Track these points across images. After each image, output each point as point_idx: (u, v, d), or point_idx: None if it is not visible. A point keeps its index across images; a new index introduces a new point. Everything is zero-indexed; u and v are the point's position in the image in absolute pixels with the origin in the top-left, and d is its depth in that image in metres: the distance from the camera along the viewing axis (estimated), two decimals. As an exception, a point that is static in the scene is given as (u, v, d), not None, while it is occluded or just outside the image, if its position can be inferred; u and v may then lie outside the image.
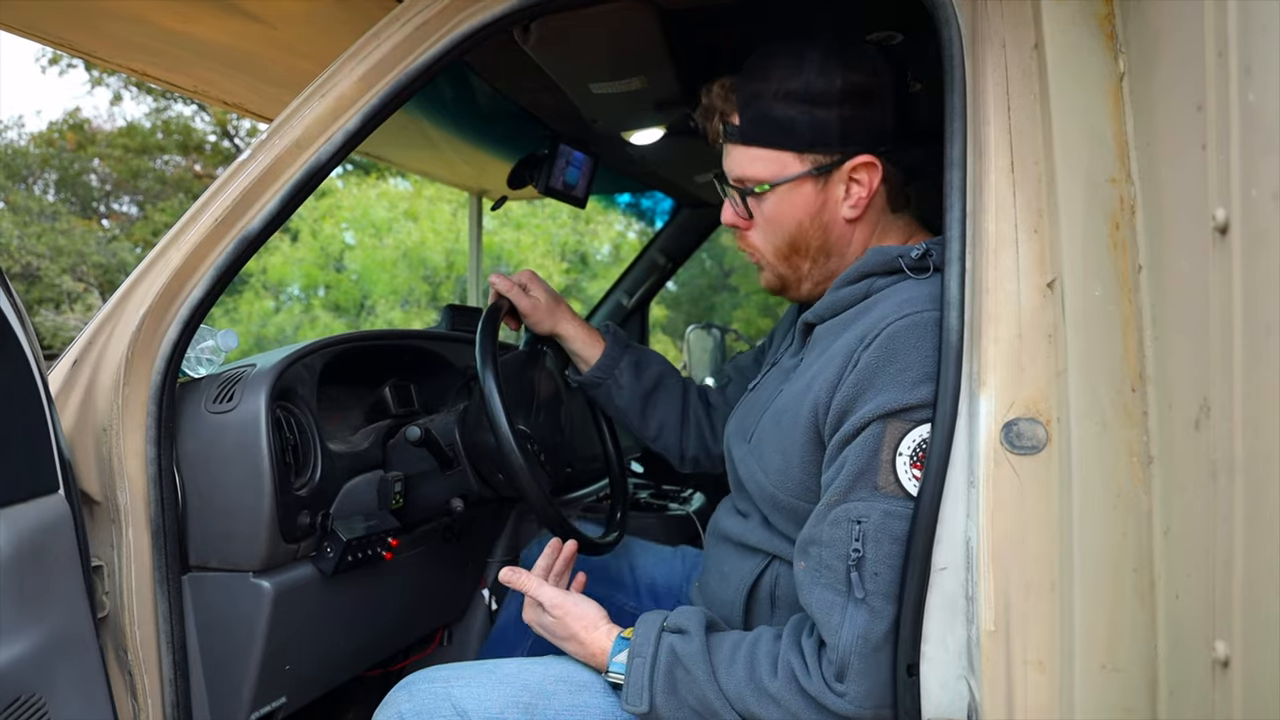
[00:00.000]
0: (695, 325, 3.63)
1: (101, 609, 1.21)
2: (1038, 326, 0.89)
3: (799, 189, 1.18)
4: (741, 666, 1.05)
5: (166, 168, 15.23)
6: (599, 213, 12.90)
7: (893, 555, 0.97)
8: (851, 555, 0.98)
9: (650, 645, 1.11)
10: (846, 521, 0.99)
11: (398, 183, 13.44)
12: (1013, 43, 0.96)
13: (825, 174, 1.16)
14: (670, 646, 1.10)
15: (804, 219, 1.19)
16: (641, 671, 1.10)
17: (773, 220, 1.20)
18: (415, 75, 1.24)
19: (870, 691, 0.97)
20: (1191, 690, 0.72)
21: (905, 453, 0.98)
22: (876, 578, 0.97)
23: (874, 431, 0.99)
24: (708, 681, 1.05)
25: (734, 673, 1.05)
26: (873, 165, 1.16)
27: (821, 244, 1.21)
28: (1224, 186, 0.63)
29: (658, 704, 1.08)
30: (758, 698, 1.03)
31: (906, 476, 0.98)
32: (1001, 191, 0.93)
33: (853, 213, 1.19)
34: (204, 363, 1.38)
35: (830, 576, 1.00)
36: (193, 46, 1.91)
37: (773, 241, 1.22)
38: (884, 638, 0.96)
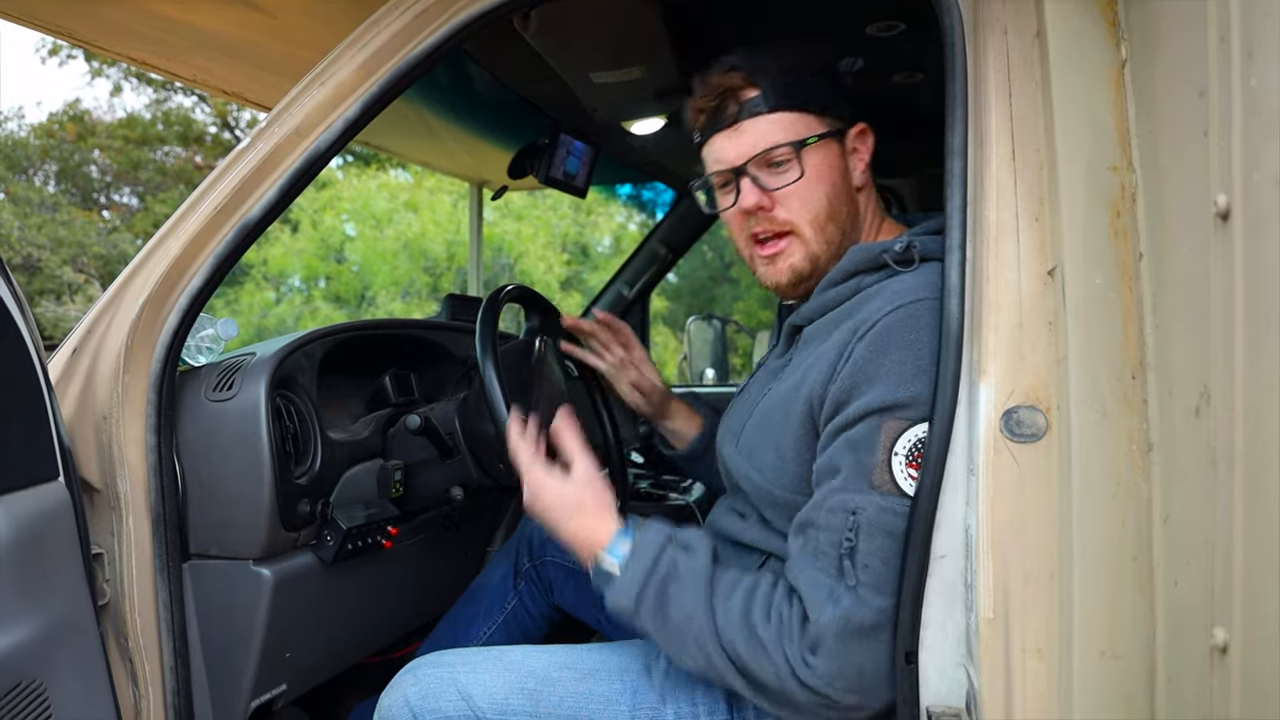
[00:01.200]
0: (696, 316, 3.63)
1: (102, 596, 1.22)
2: (1038, 314, 0.89)
3: (829, 149, 1.18)
4: (739, 601, 1.04)
5: (167, 159, 15.20)
6: (600, 204, 12.89)
7: (884, 549, 0.97)
8: (845, 544, 0.98)
9: (654, 549, 1.09)
10: (842, 511, 0.99)
11: (398, 174, 13.42)
12: (1014, 30, 0.95)
13: (840, 137, 1.19)
14: (674, 559, 1.08)
15: (836, 180, 1.19)
16: (638, 570, 1.07)
17: (813, 180, 1.17)
18: (415, 63, 1.23)
19: (839, 673, 0.97)
20: (1190, 677, 0.72)
21: (901, 452, 0.98)
22: (866, 569, 0.97)
23: (871, 426, 0.99)
24: (701, 604, 1.04)
25: (729, 606, 1.03)
26: (867, 132, 1.20)
27: (849, 211, 1.21)
28: (1226, 172, 0.63)
29: (643, 608, 1.06)
30: (747, 637, 1.01)
31: (902, 476, 0.97)
32: (1002, 179, 0.93)
33: (860, 180, 1.21)
34: (204, 351, 1.38)
35: (823, 561, 1.00)
36: (192, 35, 1.91)
37: (813, 207, 1.17)
38: (864, 627, 0.96)
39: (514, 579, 1.73)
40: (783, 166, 1.16)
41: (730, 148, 1.19)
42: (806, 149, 1.16)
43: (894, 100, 2.24)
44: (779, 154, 1.16)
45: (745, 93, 1.17)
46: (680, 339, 9.03)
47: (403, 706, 1.18)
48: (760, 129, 1.17)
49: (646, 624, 1.07)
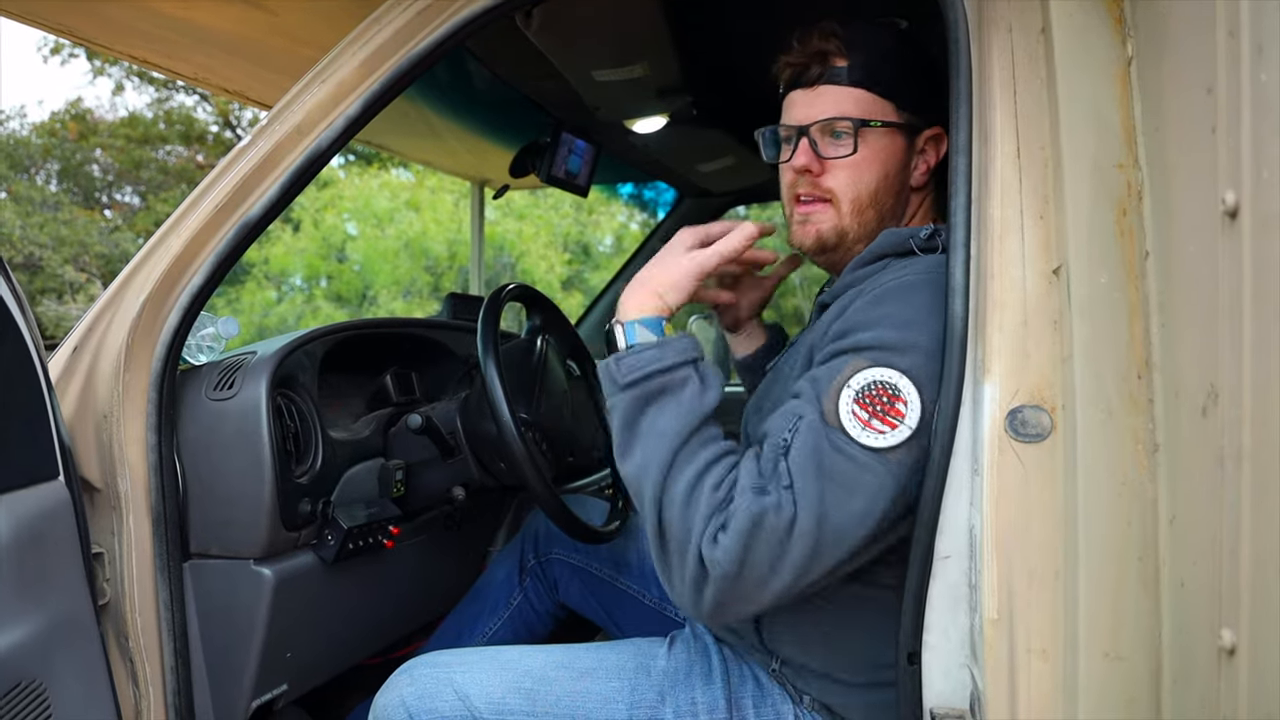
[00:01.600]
0: (697, 315, 3.61)
1: (102, 596, 1.21)
2: (1043, 313, 0.88)
3: (893, 137, 1.20)
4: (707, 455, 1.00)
5: (169, 158, 15.21)
6: (601, 203, 12.88)
7: (808, 460, 0.94)
8: (782, 441, 0.97)
9: (680, 357, 1.04)
10: (791, 415, 0.99)
11: (399, 173, 13.42)
12: (1019, 27, 0.95)
13: (911, 133, 1.21)
14: (687, 378, 1.03)
15: (891, 169, 1.20)
16: (654, 361, 1.03)
17: (867, 161, 1.19)
18: (416, 61, 1.23)
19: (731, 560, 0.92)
20: (1196, 679, 0.72)
21: (854, 386, 0.96)
22: (789, 474, 0.94)
23: (839, 361, 1.00)
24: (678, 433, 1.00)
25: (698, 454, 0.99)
26: (941, 138, 1.21)
27: (893, 203, 1.23)
28: (1234, 169, 0.63)
29: (632, 392, 1.02)
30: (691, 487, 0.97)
31: (846, 409, 0.96)
32: (1007, 177, 0.92)
33: (918, 180, 1.24)
34: (205, 350, 1.37)
35: (764, 462, 0.98)
36: (193, 33, 1.90)
37: (858, 186, 1.19)
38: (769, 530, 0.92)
39: (519, 576, 1.73)
40: (841, 139, 1.18)
41: (802, 106, 1.21)
42: (868, 129, 1.18)
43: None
44: (841, 125, 1.18)
45: (835, 60, 1.19)
46: (682, 338, 8.98)
47: (399, 707, 1.18)
48: (834, 97, 1.19)
49: (619, 405, 1.04)
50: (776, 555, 0.93)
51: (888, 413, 0.96)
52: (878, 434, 0.95)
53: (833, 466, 0.94)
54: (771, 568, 0.93)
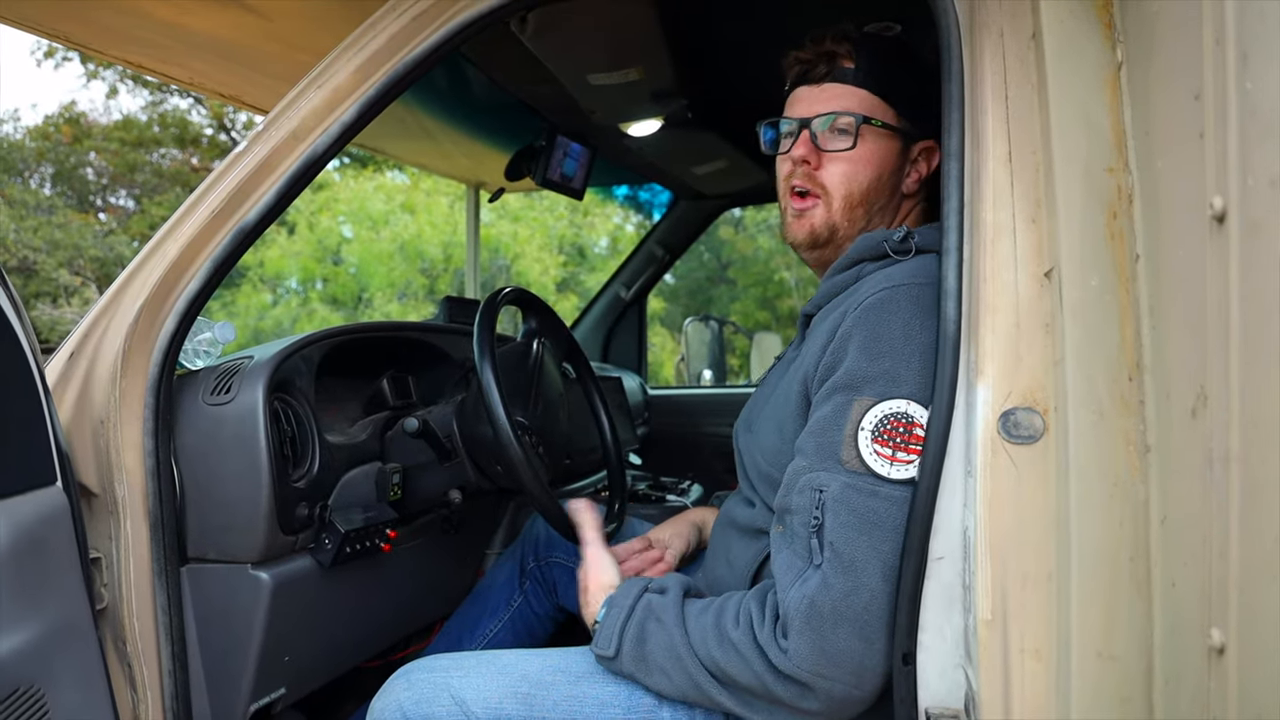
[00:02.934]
0: (693, 318, 3.64)
1: (100, 601, 1.21)
2: (1035, 316, 0.89)
3: (891, 140, 1.24)
4: (710, 616, 1.07)
5: (163, 161, 15.17)
6: (596, 205, 12.89)
7: (848, 526, 0.97)
8: (812, 523, 0.99)
9: (630, 599, 1.14)
10: (810, 490, 1.00)
11: (395, 175, 13.41)
12: (1010, 32, 0.96)
13: (907, 140, 1.25)
14: (648, 602, 1.13)
15: (885, 171, 1.24)
16: (616, 620, 1.13)
17: (863, 158, 1.22)
18: (412, 66, 1.23)
19: (811, 653, 0.96)
20: (1188, 678, 0.72)
21: (868, 428, 0.98)
22: (832, 547, 0.97)
23: (839, 403, 1.01)
24: (676, 626, 1.07)
25: (702, 621, 1.07)
26: (933, 151, 1.26)
27: (884, 204, 1.26)
28: (1221, 175, 0.63)
29: (624, 651, 1.10)
30: (719, 642, 1.03)
31: (868, 451, 0.98)
32: (999, 181, 0.93)
33: (910, 188, 1.27)
34: (201, 355, 1.37)
35: (797, 543, 1.01)
36: (188, 39, 1.91)
37: (851, 183, 1.23)
38: (831, 607, 0.96)
39: (519, 579, 1.74)
40: (842, 135, 1.22)
41: (806, 101, 1.25)
42: (869, 126, 1.21)
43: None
44: (843, 121, 1.22)
45: (843, 61, 1.23)
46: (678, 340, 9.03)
47: (395, 711, 1.18)
48: (839, 93, 1.23)
49: (630, 667, 1.11)
50: (856, 624, 0.96)
51: (909, 441, 0.97)
52: (906, 465, 0.97)
53: (876, 516, 0.97)
54: (860, 636, 0.96)
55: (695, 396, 3.40)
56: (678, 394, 3.43)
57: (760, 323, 12.22)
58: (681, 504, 2.37)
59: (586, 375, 1.88)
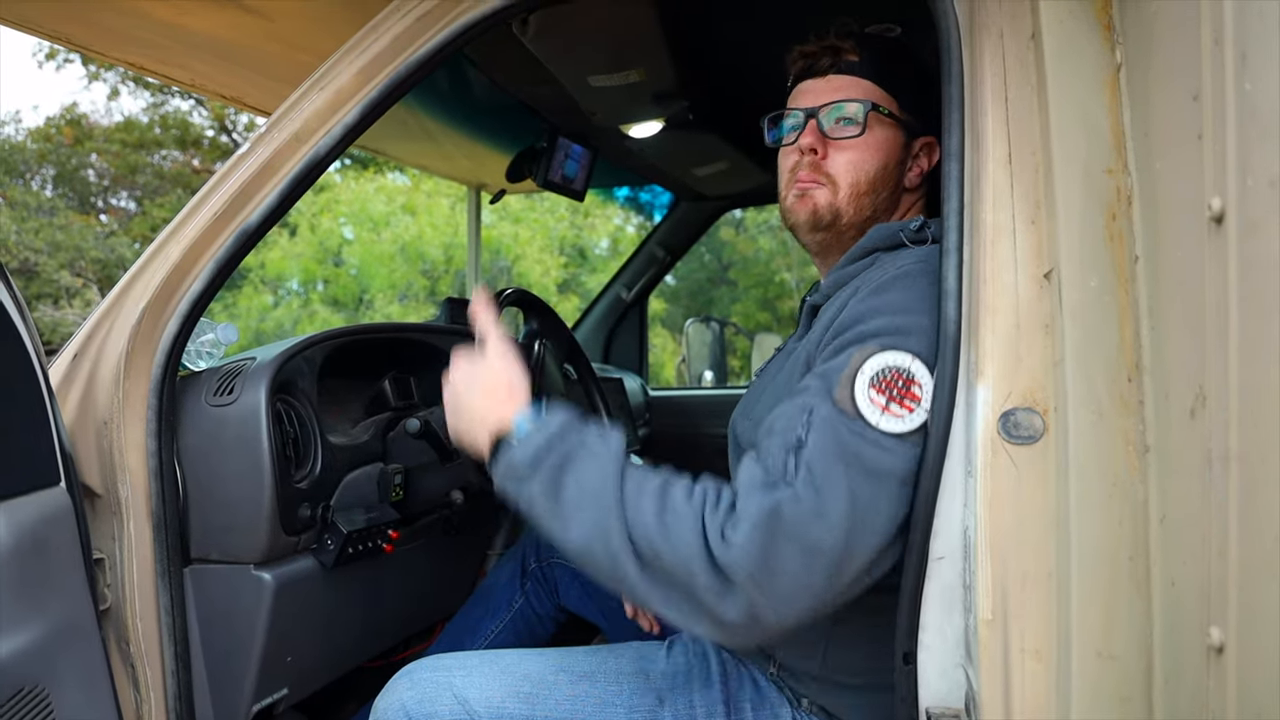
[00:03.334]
0: (694, 319, 3.64)
1: (103, 601, 1.22)
2: (1035, 317, 0.89)
3: (896, 131, 1.24)
4: (656, 478, 0.96)
5: (164, 163, 15.18)
6: (597, 207, 12.90)
7: (829, 453, 0.91)
8: (794, 438, 0.93)
9: (564, 421, 1.01)
10: (799, 410, 0.95)
11: (396, 177, 13.42)
12: (1010, 33, 0.96)
13: (911, 134, 1.25)
14: (585, 434, 1.00)
15: (890, 161, 1.24)
16: (543, 432, 1.00)
17: (871, 146, 1.22)
18: (414, 68, 1.24)
19: (757, 556, 0.87)
20: (1187, 676, 0.73)
21: (867, 372, 0.94)
22: (809, 467, 0.90)
23: (846, 353, 0.97)
24: (610, 477, 0.95)
25: (643, 479, 0.96)
26: (934, 147, 1.26)
27: (889, 195, 1.25)
28: (1220, 176, 0.64)
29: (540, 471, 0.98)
30: (658, 513, 0.92)
31: (862, 395, 0.93)
32: (999, 182, 0.93)
33: (912, 182, 1.27)
34: (204, 356, 1.38)
35: (769, 459, 0.94)
36: (190, 40, 1.91)
37: (858, 170, 1.22)
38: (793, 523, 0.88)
39: (521, 579, 1.74)
40: (849, 123, 1.22)
41: (812, 92, 1.25)
42: (876, 114, 1.21)
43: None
44: (851, 109, 1.21)
45: (847, 55, 1.24)
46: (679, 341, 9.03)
47: (399, 710, 1.18)
48: (845, 84, 1.24)
49: (537, 493, 0.99)
50: (807, 549, 0.88)
51: (905, 396, 0.94)
52: (897, 418, 0.93)
53: (858, 454, 0.91)
54: (805, 565, 0.87)
55: (696, 398, 3.40)
56: (679, 395, 3.43)
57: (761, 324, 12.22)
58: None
59: (588, 376, 1.89)
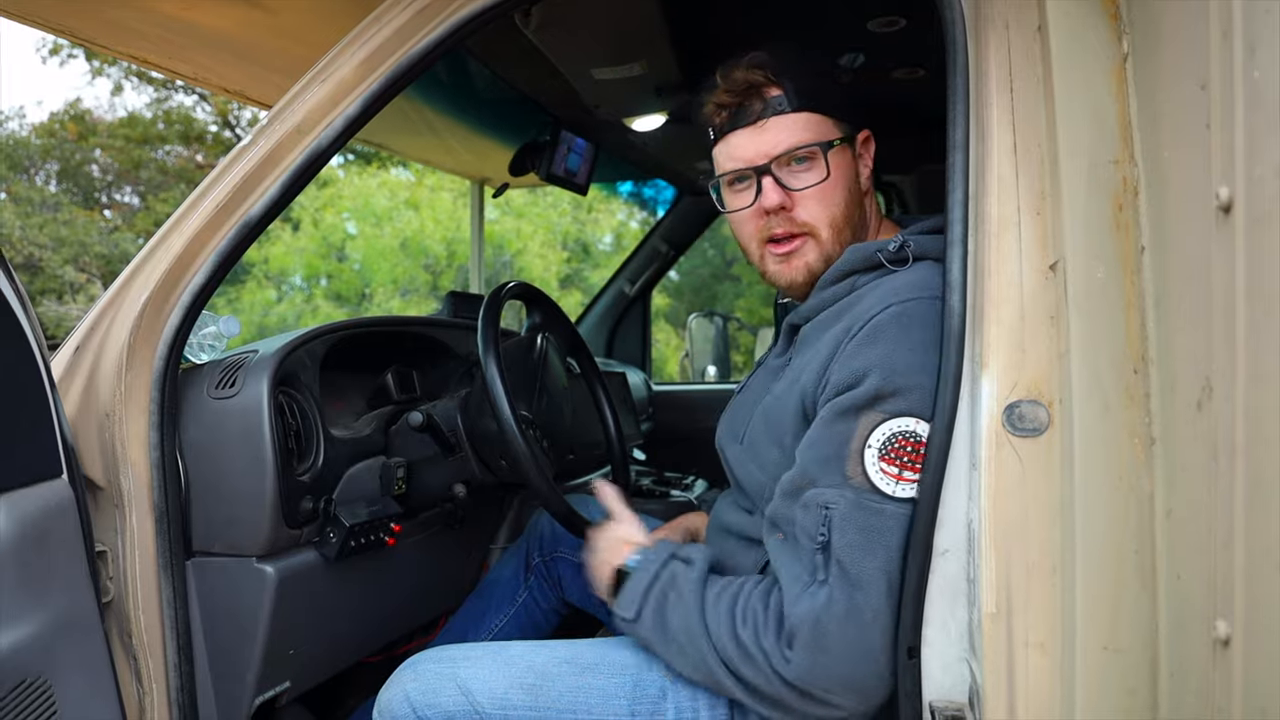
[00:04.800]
0: (697, 313, 3.64)
1: (106, 594, 1.22)
2: (1040, 308, 0.89)
3: (845, 152, 1.20)
4: (726, 603, 1.06)
5: (168, 158, 15.20)
6: (600, 201, 12.89)
7: (855, 546, 0.97)
8: (818, 539, 0.99)
9: (657, 563, 1.15)
10: (816, 506, 0.99)
11: (399, 172, 13.42)
12: (1016, 24, 0.95)
13: (852, 142, 1.22)
14: (673, 571, 1.13)
15: (852, 183, 1.20)
16: (642, 581, 1.13)
17: (834, 182, 1.17)
18: (416, 60, 1.23)
19: (817, 667, 0.97)
20: (1193, 670, 0.72)
21: (875, 445, 0.97)
22: (839, 565, 0.97)
23: (849, 420, 1.00)
24: (695, 607, 1.07)
25: (719, 609, 1.06)
26: (870, 139, 1.24)
27: (861, 214, 1.22)
28: (1228, 165, 0.63)
29: (645, 615, 1.11)
30: (732, 638, 1.03)
31: (874, 469, 0.97)
32: (1004, 174, 0.93)
33: (867, 185, 1.25)
34: (206, 349, 1.38)
35: (801, 555, 1.01)
36: (193, 33, 1.91)
37: (832, 209, 1.18)
38: (837, 622, 0.96)
39: (524, 574, 1.74)
40: (807, 165, 1.17)
41: (751, 145, 1.18)
42: (832, 149, 1.17)
43: (894, 97, 2.24)
44: (804, 152, 1.16)
45: (769, 91, 1.17)
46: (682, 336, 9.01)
47: (403, 702, 1.18)
48: (785, 127, 1.16)
49: (648, 634, 1.12)
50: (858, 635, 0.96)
51: (915, 461, 0.97)
52: (910, 484, 0.97)
53: (881, 531, 0.97)
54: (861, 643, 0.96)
55: (699, 392, 3.40)
56: (682, 390, 3.42)
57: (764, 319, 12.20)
58: (685, 499, 2.38)
59: (590, 370, 1.88)
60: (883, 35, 1.90)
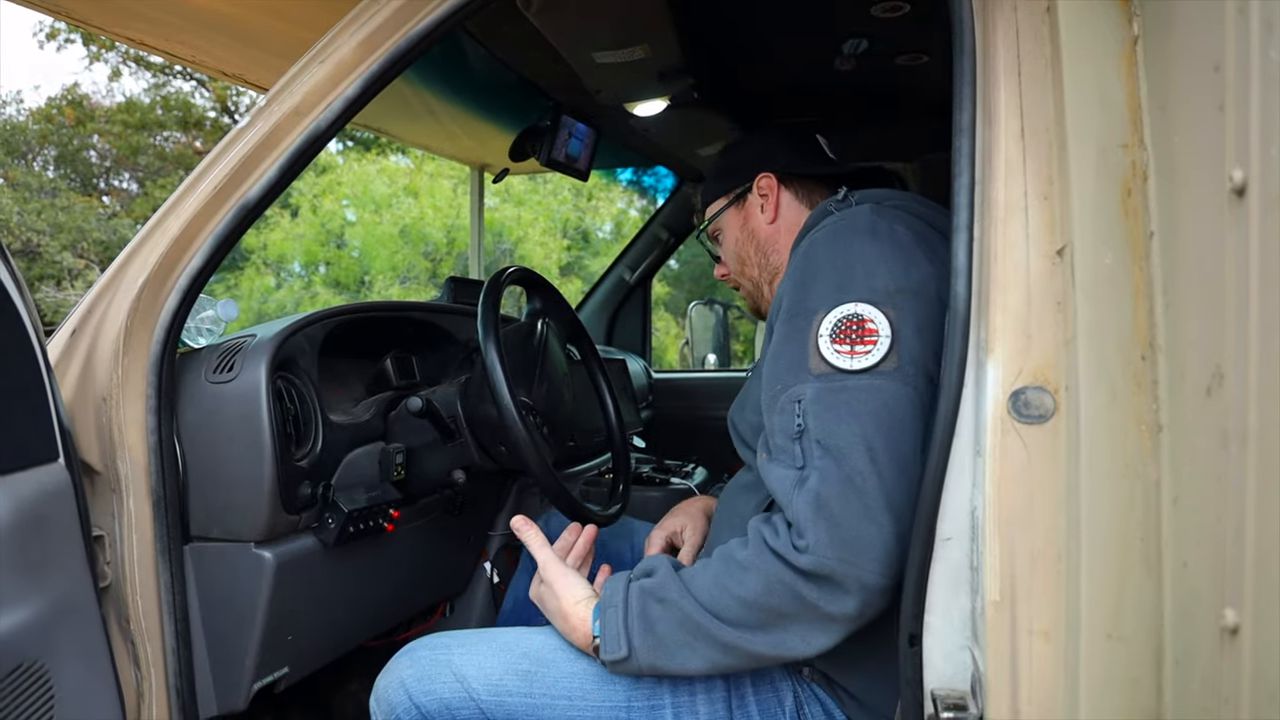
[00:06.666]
0: (697, 301, 3.62)
1: (103, 579, 1.21)
2: (1047, 294, 0.88)
3: (727, 218, 1.50)
4: (714, 563, 1.05)
5: (166, 144, 15.15)
6: (601, 189, 12.85)
7: (828, 420, 0.99)
8: (795, 430, 1.01)
9: (619, 594, 1.10)
10: (789, 403, 1.03)
11: (398, 159, 13.38)
12: (1024, 6, 0.94)
13: (741, 199, 1.47)
14: (640, 588, 1.09)
15: (739, 235, 1.48)
16: (615, 620, 1.08)
17: (727, 248, 1.52)
18: (415, 41, 1.22)
19: (832, 540, 0.95)
20: (1198, 659, 0.72)
21: (825, 334, 1.03)
22: (819, 444, 0.98)
23: (797, 325, 1.06)
24: (680, 596, 1.04)
25: (705, 574, 1.05)
26: (769, 178, 1.43)
27: (757, 248, 1.46)
28: (1242, 147, 0.62)
29: (635, 645, 1.06)
30: (732, 575, 1.01)
31: (830, 352, 1.02)
32: (1011, 158, 0.91)
33: (768, 217, 1.44)
34: (204, 333, 1.37)
35: (784, 456, 1.02)
36: (191, 14, 1.89)
37: (731, 265, 1.52)
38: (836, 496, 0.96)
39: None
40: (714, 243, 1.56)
41: None
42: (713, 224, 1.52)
43: (897, 83, 2.23)
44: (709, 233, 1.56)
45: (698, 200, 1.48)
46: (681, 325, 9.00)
47: (398, 688, 1.18)
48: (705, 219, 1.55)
49: (648, 659, 1.06)
50: (860, 506, 0.96)
51: (864, 336, 1.02)
52: (864, 356, 1.01)
53: (848, 403, 0.99)
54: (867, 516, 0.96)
55: (699, 380, 3.39)
56: (681, 377, 3.42)
57: (764, 308, 12.17)
58: (685, 486, 2.37)
59: (591, 357, 1.87)
60: (886, 21, 1.88)
